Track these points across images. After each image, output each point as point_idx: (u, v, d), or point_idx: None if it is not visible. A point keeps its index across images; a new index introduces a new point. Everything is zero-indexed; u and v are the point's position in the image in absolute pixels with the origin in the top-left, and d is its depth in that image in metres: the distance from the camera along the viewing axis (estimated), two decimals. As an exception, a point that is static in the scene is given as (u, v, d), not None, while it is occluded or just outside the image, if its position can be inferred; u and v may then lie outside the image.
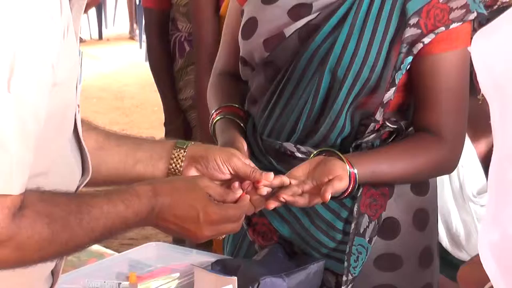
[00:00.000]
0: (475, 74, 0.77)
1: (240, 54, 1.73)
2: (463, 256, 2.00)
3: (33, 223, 1.06)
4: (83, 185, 1.24)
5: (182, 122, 2.82)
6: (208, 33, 2.60)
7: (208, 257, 1.69)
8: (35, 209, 1.06)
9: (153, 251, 1.76)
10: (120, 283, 1.58)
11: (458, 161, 1.71)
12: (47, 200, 1.11)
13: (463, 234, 2.08)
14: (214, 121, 1.73)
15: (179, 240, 2.75)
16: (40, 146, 1.06)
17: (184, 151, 1.44)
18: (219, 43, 2.28)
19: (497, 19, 0.74)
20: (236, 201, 1.37)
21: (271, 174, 1.48)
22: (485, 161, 2.11)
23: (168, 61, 2.80)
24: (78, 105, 1.19)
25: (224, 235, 1.64)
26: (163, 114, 2.94)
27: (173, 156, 1.44)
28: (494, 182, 0.73)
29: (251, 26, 1.69)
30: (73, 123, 1.18)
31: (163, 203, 1.24)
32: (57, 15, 1.07)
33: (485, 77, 0.74)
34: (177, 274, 1.62)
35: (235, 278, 1.48)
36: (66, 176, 1.19)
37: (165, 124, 2.91)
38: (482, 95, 0.80)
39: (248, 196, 1.40)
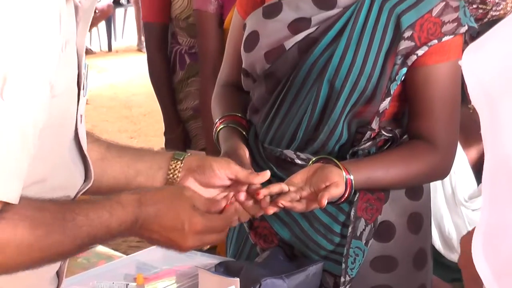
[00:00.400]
0: (466, 84, 0.77)
1: (243, 66, 1.73)
2: (455, 257, 1.99)
3: (14, 226, 1.04)
4: (83, 191, 1.22)
5: (182, 132, 2.81)
6: (212, 45, 2.60)
7: (212, 259, 1.69)
8: (17, 213, 1.03)
9: (159, 254, 1.75)
10: (128, 284, 1.59)
11: (451, 167, 1.70)
12: (32, 205, 1.08)
13: (455, 237, 2.07)
14: (218, 130, 1.73)
15: None
16: (37, 155, 1.05)
17: (181, 162, 1.43)
18: (223, 55, 2.32)
19: (486, 34, 0.74)
20: (221, 212, 1.35)
21: (267, 172, 1.47)
22: (476, 167, 2.13)
23: (168, 73, 2.80)
24: (81, 115, 1.19)
25: (208, 245, 1.53)
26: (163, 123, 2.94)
27: (171, 167, 1.43)
28: (488, 189, 0.72)
29: (253, 39, 1.69)
30: (73, 132, 1.17)
31: (148, 212, 1.21)
32: (56, 32, 1.06)
33: (475, 88, 0.74)
34: (182, 276, 1.63)
35: (237, 279, 1.48)
36: (66, 184, 1.17)
37: (165, 134, 2.91)
38: (473, 105, 0.80)
39: (233, 206, 1.38)
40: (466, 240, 1.16)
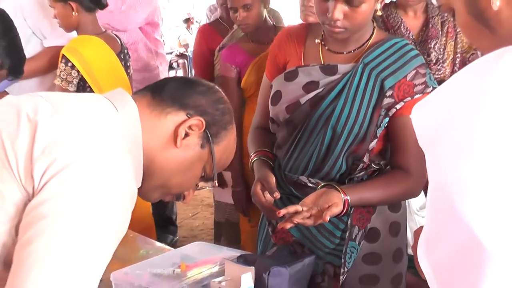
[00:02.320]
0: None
1: (270, 115, 1.79)
2: (410, 251, 1.85)
3: None
4: None
5: None
6: (233, 101, 2.49)
7: (235, 253, 1.72)
8: None
9: (197, 248, 1.83)
10: (174, 270, 1.64)
11: (421, 189, 1.73)
12: None
13: (410, 236, 2.01)
14: (253, 161, 1.79)
15: (215, 241, 2.90)
16: None
17: None
18: (241, 107, 2.43)
19: (428, 96, 0.75)
20: None
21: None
22: (425, 186, 2.12)
23: None
24: None
25: None
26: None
27: None
28: (429, 206, 0.72)
29: (277, 96, 1.75)
30: None
31: None
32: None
33: (421, 134, 0.74)
34: (214, 264, 1.67)
35: (253, 267, 1.53)
36: None
37: None
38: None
39: None
40: (417, 232, 1.09)
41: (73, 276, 0.92)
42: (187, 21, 9.67)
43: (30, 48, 2.74)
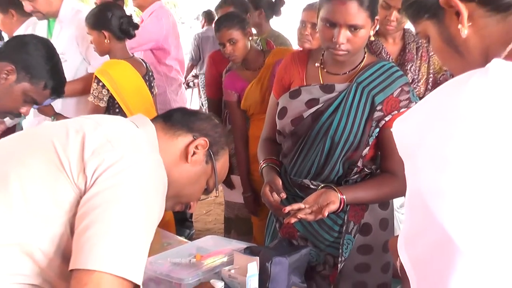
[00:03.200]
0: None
1: (277, 128, 1.79)
2: None
3: None
4: None
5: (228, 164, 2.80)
6: (237, 119, 2.72)
7: (242, 245, 1.72)
8: None
9: (211, 240, 1.83)
10: (191, 259, 1.64)
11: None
12: None
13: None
14: (262, 167, 1.79)
15: (225, 234, 2.88)
16: None
17: None
18: (245, 123, 2.47)
19: (408, 111, 0.74)
20: None
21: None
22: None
23: None
24: None
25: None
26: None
27: None
28: (407, 207, 0.71)
29: (283, 111, 1.75)
30: None
31: None
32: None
33: (401, 146, 0.73)
34: (224, 255, 1.67)
35: (257, 257, 1.54)
36: None
37: None
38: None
39: None
40: (393, 241, 1.13)
41: (127, 252, 0.95)
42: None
43: (82, 69, 2.78)
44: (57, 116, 2.63)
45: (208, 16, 6.35)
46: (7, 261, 0.99)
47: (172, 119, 1.26)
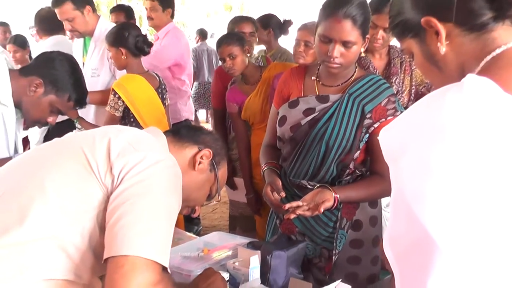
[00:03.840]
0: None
1: (277, 134, 1.78)
2: None
3: None
4: None
5: (231, 166, 2.73)
6: (240, 129, 2.69)
7: (245, 240, 1.71)
8: (165, 285, 0.96)
9: (217, 236, 1.83)
10: (199, 253, 1.65)
11: None
12: (171, 280, 1.07)
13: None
14: (264, 170, 1.77)
15: (230, 230, 2.86)
16: None
17: None
18: (247, 132, 2.45)
19: (392, 121, 0.74)
20: None
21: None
22: None
23: (225, 135, 2.80)
24: None
25: None
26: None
27: None
28: (392, 207, 0.71)
29: (283, 119, 1.74)
30: None
31: None
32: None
33: (386, 152, 0.72)
34: (229, 249, 1.68)
35: (259, 251, 1.54)
36: None
37: None
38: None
39: None
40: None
41: (156, 239, 0.97)
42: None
43: (111, 84, 2.75)
44: (79, 119, 2.62)
45: (201, 33, 7.45)
46: (43, 256, 0.99)
47: (180, 133, 1.29)
